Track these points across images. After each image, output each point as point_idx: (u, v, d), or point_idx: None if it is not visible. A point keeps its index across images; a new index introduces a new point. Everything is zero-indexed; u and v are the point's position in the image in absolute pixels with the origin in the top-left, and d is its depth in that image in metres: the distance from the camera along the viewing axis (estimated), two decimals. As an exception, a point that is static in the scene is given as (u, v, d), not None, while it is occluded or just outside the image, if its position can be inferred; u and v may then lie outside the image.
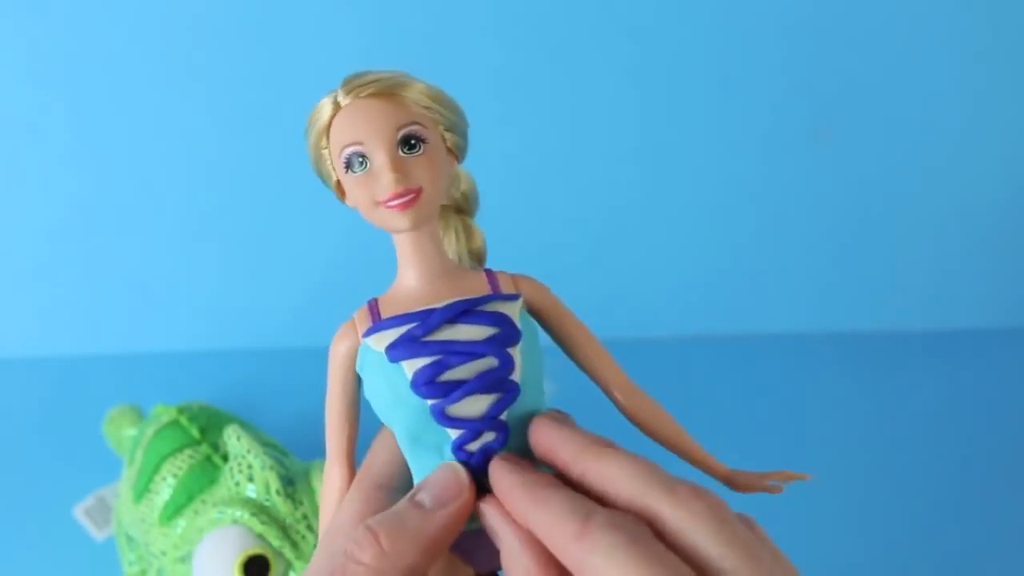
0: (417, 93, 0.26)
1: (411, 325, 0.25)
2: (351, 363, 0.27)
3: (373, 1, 0.64)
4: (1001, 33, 0.69)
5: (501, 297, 0.26)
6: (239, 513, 0.45)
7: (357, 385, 0.27)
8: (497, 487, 0.25)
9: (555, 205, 0.72)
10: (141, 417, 0.58)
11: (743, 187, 0.73)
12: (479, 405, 0.25)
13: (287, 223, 0.70)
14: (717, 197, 0.73)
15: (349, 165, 0.26)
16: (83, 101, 0.65)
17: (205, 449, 0.49)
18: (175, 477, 0.48)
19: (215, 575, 0.44)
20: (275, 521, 0.45)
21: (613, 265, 0.75)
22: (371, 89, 0.26)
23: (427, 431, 0.25)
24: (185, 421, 0.51)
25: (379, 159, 0.25)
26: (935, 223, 0.75)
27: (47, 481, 0.60)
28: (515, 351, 0.25)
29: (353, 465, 0.28)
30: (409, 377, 0.25)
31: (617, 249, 0.74)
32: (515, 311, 0.26)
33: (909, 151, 0.73)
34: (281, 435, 0.54)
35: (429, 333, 0.25)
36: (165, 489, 0.48)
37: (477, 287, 0.27)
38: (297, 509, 0.45)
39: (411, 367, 0.25)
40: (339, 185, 0.27)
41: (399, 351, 0.25)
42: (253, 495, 0.46)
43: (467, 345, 0.25)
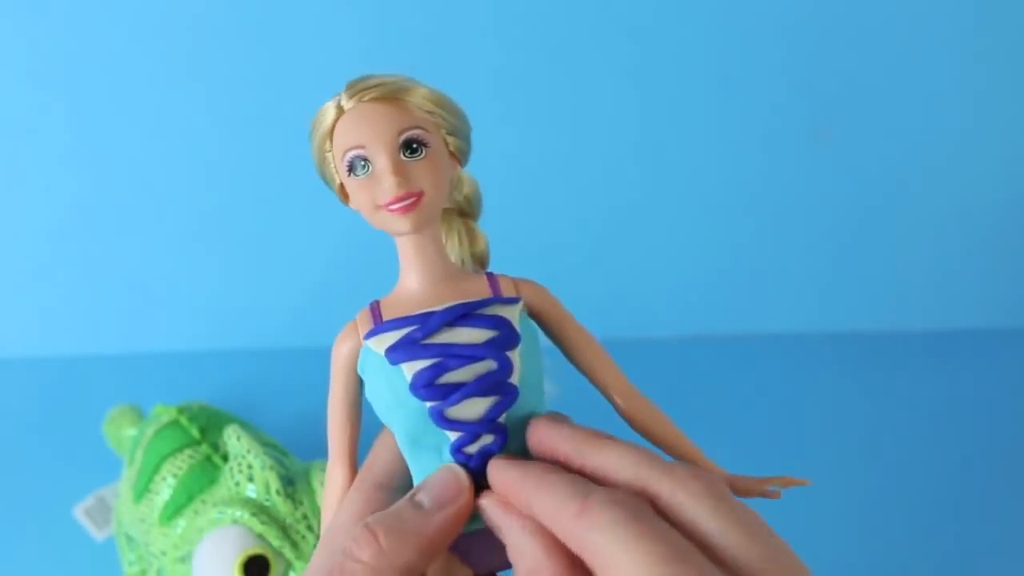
0: (420, 97, 0.26)
1: (411, 328, 0.26)
2: (353, 364, 0.27)
3: (373, 1, 0.64)
4: (1001, 33, 0.69)
5: (501, 300, 0.26)
6: (239, 513, 0.45)
7: (359, 386, 0.27)
8: (497, 480, 0.25)
9: (555, 205, 0.72)
10: (141, 417, 0.58)
11: (743, 187, 0.73)
12: (478, 408, 0.25)
13: (287, 223, 0.70)
14: (717, 197, 0.73)
15: (352, 168, 0.26)
16: (83, 101, 0.65)
17: (205, 449, 0.49)
18: (175, 477, 0.48)
19: (215, 575, 0.44)
20: (275, 521, 0.45)
21: (613, 265, 0.75)
22: (374, 93, 0.26)
23: (426, 433, 0.25)
24: (185, 421, 0.51)
25: (381, 163, 0.25)
26: (935, 223, 0.75)
27: (47, 481, 0.60)
28: (514, 354, 0.26)
29: (355, 465, 0.28)
30: (408, 379, 0.25)
31: (617, 249, 0.74)
32: (515, 315, 0.26)
33: (909, 151, 0.72)
34: (281, 435, 0.54)
35: (429, 336, 0.25)
36: (165, 489, 0.48)
37: (478, 290, 0.27)
38: (297, 509, 0.45)
39: (411, 369, 0.25)
40: (342, 188, 0.27)
41: (399, 353, 0.25)
42: (253, 495, 0.46)
43: (466, 348, 0.25)
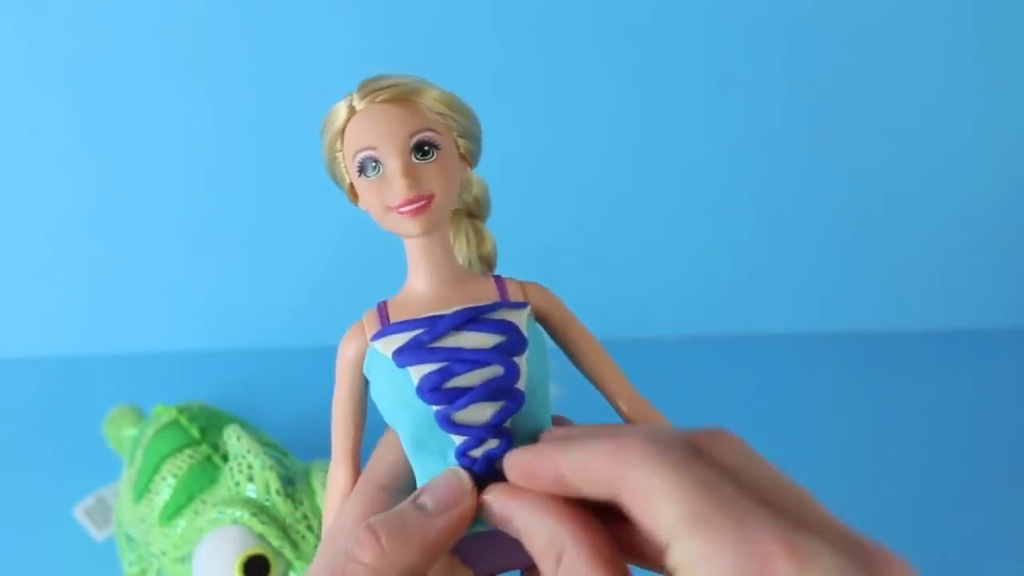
0: (432, 99, 0.26)
1: (419, 331, 0.25)
2: (358, 365, 0.27)
3: (373, 1, 0.64)
4: (1001, 33, 0.69)
5: (509, 305, 0.26)
6: (239, 513, 0.45)
7: (364, 387, 0.27)
8: (518, 460, 0.24)
9: (555, 205, 0.72)
10: (141, 417, 0.58)
11: (743, 187, 0.73)
12: (484, 412, 0.25)
13: (287, 223, 0.70)
14: (717, 197, 0.73)
15: (362, 169, 0.26)
16: (83, 101, 0.65)
17: (205, 449, 0.49)
18: (175, 477, 0.48)
19: (215, 575, 0.44)
20: (275, 521, 0.45)
21: (613, 265, 0.75)
22: (386, 94, 0.26)
23: (431, 436, 0.25)
24: (185, 421, 0.51)
25: (392, 165, 0.25)
26: (935, 223, 0.75)
27: (47, 481, 0.60)
28: (521, 359, 0.25)
29: (358, 466, 0.28)
30: (415, 383, 0.25)
31: (617, 249, 0.74)
32: (523, 319, 0.26)
33: (909, 151, 0.73)
34: (281, 435, 0.54)
35: (436, 339, 0.25)
36: (165, 489, 0.48)
37: (486, 294, 0.27)
38: (297, 509, 0.45)
39: (417, 373, 0.25)
40: (352, 188, 0.27)
41: (406, 356, 0.25)
42: (253, 495, 0.46)
43: (473, 353, 0.25)
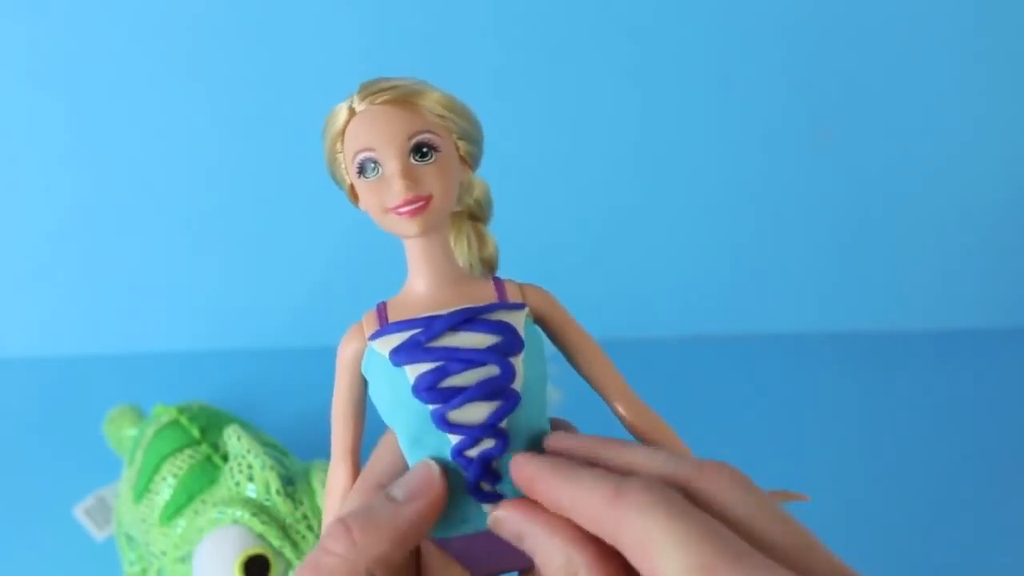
0: (432, 101, 0.26)
1: (415, 331, 0.26)
2: (357, 365, 0.27)
3: (373, 1, 0.64)
4: (1001, 33, 0.69)
5: (506, 306, 0.26)
6: (239, 513, 0.45)
7: (363, 387, 0.27)
8: (525, 473, 0.24)
9: (555, 205, 0.72)
10: (141, 417, 0.58)
11: (743, 187, 0.73)
12: (479, 412, 0.25)
13: (287, 223, 0.70)
14: (717, 197, 0.73)
15: (362, 170, 0.26)
16: (83, 101, 0.65)
17: (205, 449, 0.49)
18: (175, 477, 0.48)
19: (215, 575, 0.44)
20: (275, 521, 0.45)
21: (613, 265, 0.75)
22: (386, 96, 0.26)
23: (427, 435, 0.26)
24: (185, 421, 0.51)
25: (391, 166, 0.26)
26: (936, 223, 0.75)
27: (47, 481, 0.60)
28: (517, 360, 0.26)
29: (357, 465, 0.28)
30: (411, 381, 0.25)
31: (617, 249, 0.74)
32: (520, 321, 0.26)
33: (910, 151, 0.73)
34: (281, 435, 0.54)
35: (432, 339, 0.25)
36: (165, 489, 0.48)
37: (484, 295, 0.27)
38: (297, 509, 0.45)
39: (413, 372, 0.25)
40: (352, 189, 0.27)
41: (402, 355, 0.25)
42: (253, 495, 0.46)
43: (469, 352, 0.25)
